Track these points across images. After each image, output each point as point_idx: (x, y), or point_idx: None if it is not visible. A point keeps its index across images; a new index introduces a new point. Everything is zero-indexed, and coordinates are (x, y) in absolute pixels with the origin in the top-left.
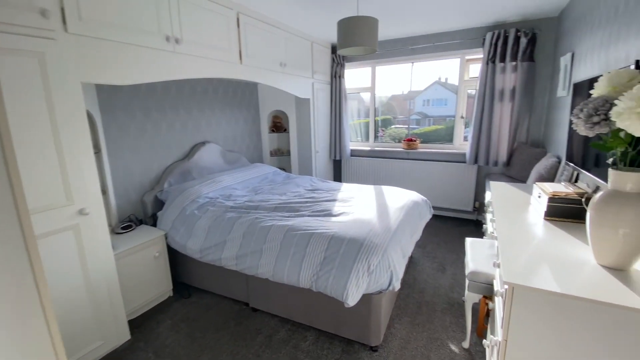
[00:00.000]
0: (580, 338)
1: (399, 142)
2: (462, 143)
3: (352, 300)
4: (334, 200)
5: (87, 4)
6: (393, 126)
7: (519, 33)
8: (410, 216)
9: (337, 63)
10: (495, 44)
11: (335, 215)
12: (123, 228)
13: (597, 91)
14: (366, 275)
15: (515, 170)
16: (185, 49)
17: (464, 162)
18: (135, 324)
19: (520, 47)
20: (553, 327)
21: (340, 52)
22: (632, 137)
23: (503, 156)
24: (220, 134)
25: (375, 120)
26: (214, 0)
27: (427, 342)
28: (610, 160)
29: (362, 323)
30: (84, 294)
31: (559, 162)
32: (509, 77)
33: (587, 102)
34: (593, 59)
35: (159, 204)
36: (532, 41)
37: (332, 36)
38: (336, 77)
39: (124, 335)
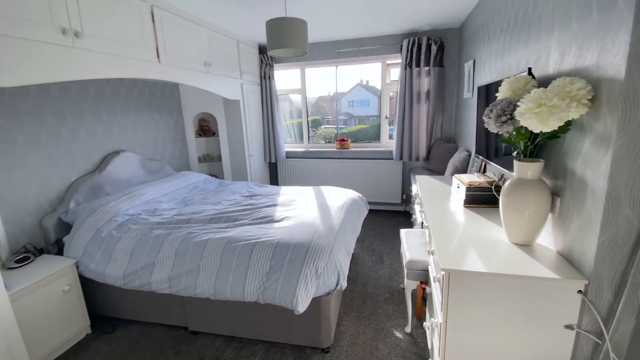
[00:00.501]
0: (504, 308)
1: (329, 142)
2: (388, 141)
3: (302, 306)
4: (275, 205)
5: None
6: (323, 126)
7: (430, 41)
8: (350, 214)
9: (266, 64)
10: (411, 50)
11: (277, 221)
12: (17, 261)
13: (501, 94)
14: (314, 279)
15: (434, 163)
16: (88, 44)
17: (391, 158)
18: None
19: (431, 53)
20: (482, 303)
21: (270, 53)
22: (531, 133)
23: (423, 152)
24: (138, 140)
25: (300, 123)
26: None
27: (375, 333)
28: (514, 153)
29: (312, 327)
30: None
31: (470, 155)
32: (424, 81)
33: (495, 104)
34: (491, 65)
35: (65, 227)
36: (441, 48)
37: (259, 36)
38: (266, 78)
39: None
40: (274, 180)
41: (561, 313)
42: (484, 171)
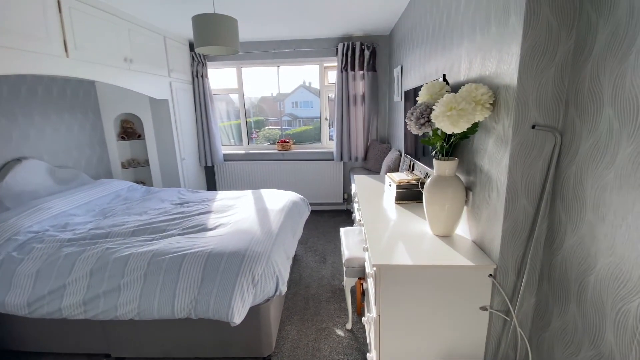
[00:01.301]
0: (430, 298)
1: (273, 143)
2: (329, 142)
3: (238, 317)
4: (209, 212)
5: None
6: (266, 127)
7: (363, 46)
8: (290, 217)
9: (198, 62)
10: (346, 54)
11: (211, 229)
12: None
13: (421, 98)
14: (251, 287)
15: (371, 163)
16: None
17: (332, 159)
18: None
19: (365, 58)
20: (411, 294)
21: (198, 50)
22: (446, 134)
23: (361, 152)
24: (45, 146)
25: (247, 122)
26: None
27: (317, 334)
28: (433, 153)
29: (251, 336)
30: None
31: (401, 155)
32: (359, 84)
33: (415, 107)
34: (416, 71)
35: None
36: (373, 54)
37: (190, 32)
38: (198, 77)
39: None
40: (212, 185)
41: (476, 296)
42: (413, 169)
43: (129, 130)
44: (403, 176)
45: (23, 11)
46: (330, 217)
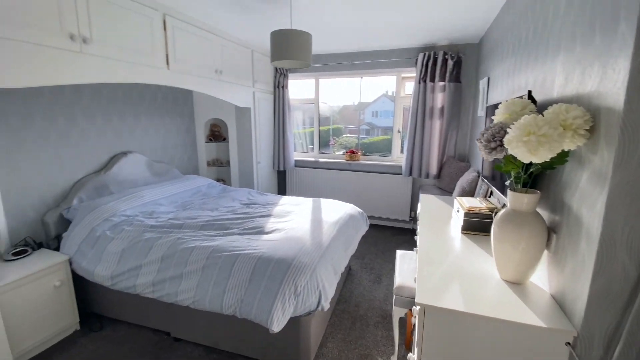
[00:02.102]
0: (483, 352)
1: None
2: (400, 156)
3: (277, 326)
4: (269, 215)
5: None
6: (344, 135)
7: (446, 56)
8: (344, 230)
9: (281, 73)
10: (426, 65)
11: (267, 233)
12: (15, 254)
13: (497, 117)
14: (293, 298)
15: (445, 182)
16: (95, 49)
17: (401, 174)
18: None
19: (447, 68)
20: (460, 343)
21: (273, 64)
22: (524, 162)
23: (434, 169)
24: (147, 143)
25: (320, 130)
26: None
27: (358, 358)
28: (507, 182)
29: (290, 347)
30: None
31: (479, 177)
32: (438, 96)
33: (488, 127)
34: (502, 84)
35: (66, 223)
36: (458, 64)
37: None
38: (279, 87)
39: None
40: (282, 188)
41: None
42: (489, 196)
43: (216, 133)
44: (475, 202)
45: (135, 30)
46: (392, 234)
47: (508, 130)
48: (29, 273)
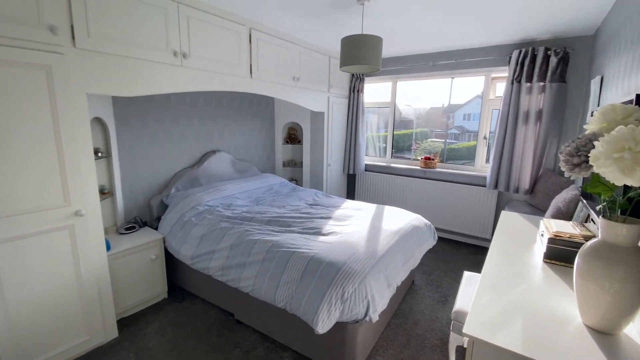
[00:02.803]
0: None
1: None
2: (484, 165)
3: (321, 327)
4: (329, 218)
5: (95, 22)
6: (429, 139)
7: (549, 52)
8: (404, 242)
9: (357, 78)
10: (522, 63)
11: (323, 235)
12: (127, 229)
13: (590, 126)
14: (339, 303)
15: (539, 199)
16: (193, 63)
17: (484, 185)
18: (126, 322)
19: (549, 66)
20: None
21: (341, 69)
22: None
23: (525, 183)
24: (233, 143)
25: (402, 134)
26: (226, 17)
27: None
28: (598, 207)
29: (336, 352)
30: (74, 290)
31: (579, 197)
32: (535, 98)
33: (574, 139)
34: (618, 84)
35: (165, 208)
36: (564, 61)
37: None
38: (355, 92)
39: (112, 332)
40: (351, 192)
41: None
42: (588, 221)
43: (292, 136)
44: (567, 227)
45: (225, 45)
46: (469, 252)
47: (596, 143)
48: (134, 245)
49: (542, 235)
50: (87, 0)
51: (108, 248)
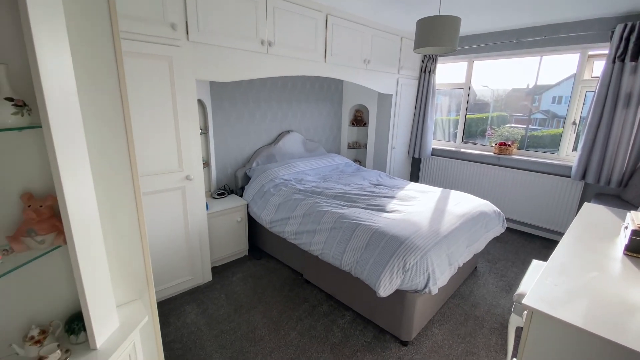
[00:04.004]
0: None
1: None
2: (570, 154)
3: (383, 291)
4: (392, 197)
5: (204, 17)
6: (507, 125)
7: None
8: (470, 225)
9: (429, 58)
10: (628, 39)
11: (387, 212)
12: (218, 194)
13: None
14: (401, 272)
15: (633, 193)
16: (276, 50)
17: (569, 176)
18: (217, 271)
19: None
20: None
21: (415, 51)
22: None
23: (618, 174)
24: (304, 124)
25: (476, 119)
26: (306, 5)
27: (462, 353)
28: None
29: (394, 316)
30: (183, 239)
31: None
32: None
33: None
34: None
35: (247, 179)
36: None
37: None
38: (426, 72)
39: (207, 276)
40: (415, 176)
41: None
42: None
43: (359, 118)
44: None
45: (303, 31)
46: (542, 246)
47: None
48: (225, 208)
49: (626, 227)
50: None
51: (207, 208)
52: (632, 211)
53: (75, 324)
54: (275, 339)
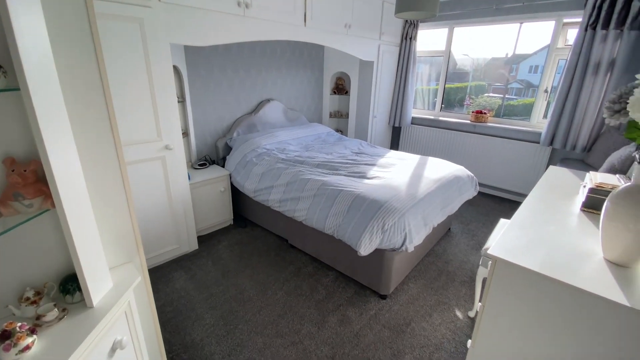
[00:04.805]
0: (555, 318)
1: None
2: (541, 121)
3: (364, 250)
4: (373, 165)
5: None
6: (485, 94)
7: None
8: (445, 189)
9: (410, 24)
10: (600, 7)
11: (368, 178)
12: (199, 165)
13: None
14: (380, 232)
15: (596, 157)
16: (253, 13)
17: (538, 142)
18: (202, 240)
19: (630, 12)
20: (531, 306)
21: (396, 16)
22: None
23: (584, 140)
24: (285, 93)
25: (455, 88)
26: None
27: (435, 303)
28: (634, 154)
29: (374, 273)
30: (167, 208)
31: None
32: (609, 48)
33: (622, 87)
34: None
35: (228, 149)
36: None
37: None
38: (407, 39)
39: (193, 245)
40: (395, 145)
41: (624, 349)
42: None
43: (340, 86)
44: (612, 179)
45: None
46: (511, 208)
47: (636, 91)
48: (207, 178)
49: (584, 186)
50: None
51: (189, 179)
52: (591, 171)
53: (69, 284)
54: (263, 299)
